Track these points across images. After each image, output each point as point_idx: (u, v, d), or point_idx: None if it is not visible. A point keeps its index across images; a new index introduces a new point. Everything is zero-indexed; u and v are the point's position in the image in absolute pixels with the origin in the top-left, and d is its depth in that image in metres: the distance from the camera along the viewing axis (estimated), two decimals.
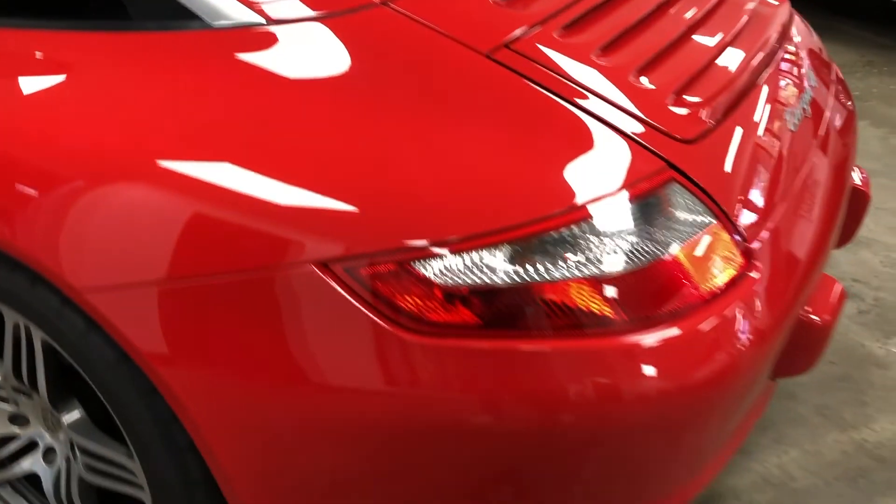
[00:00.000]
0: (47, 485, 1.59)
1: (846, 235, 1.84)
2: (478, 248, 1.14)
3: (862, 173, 1.86)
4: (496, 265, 1.14)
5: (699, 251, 1.22)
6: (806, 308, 1.43)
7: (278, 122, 1.22)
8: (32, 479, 1.63)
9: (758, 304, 1.26)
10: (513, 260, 1.15)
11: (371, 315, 1.15)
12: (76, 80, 1.29)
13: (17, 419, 1.60)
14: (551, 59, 1.28)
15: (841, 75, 1.92)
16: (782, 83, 1.54)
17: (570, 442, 1.20)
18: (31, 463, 1.61)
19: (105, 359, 1.28)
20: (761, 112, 1.44)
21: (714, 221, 1.24)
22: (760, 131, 1.41)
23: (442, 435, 1.21)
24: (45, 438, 1.59)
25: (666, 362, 1.18)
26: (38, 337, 1.38)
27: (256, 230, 1.15)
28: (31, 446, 1.61)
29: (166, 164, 1.19)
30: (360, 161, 1.17)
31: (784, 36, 1.66)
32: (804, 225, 1.42)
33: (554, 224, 1.16)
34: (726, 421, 1.32)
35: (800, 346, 1.44)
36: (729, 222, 1.26)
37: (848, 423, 2.05)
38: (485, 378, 1.16)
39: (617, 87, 1.29)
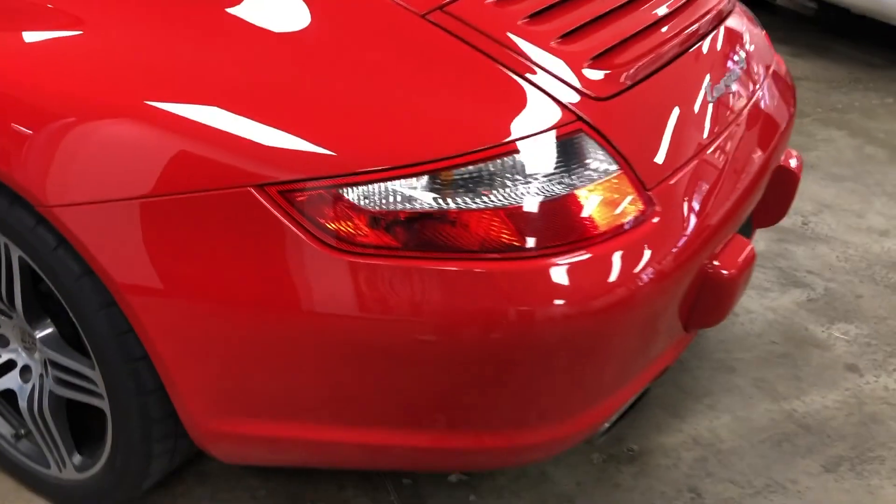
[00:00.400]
0: (23, 402, 1.74)
1: (776, 213, 1.96)
2: (401, 177, 1.29)
3: (798, 158, 1.98)
4: (418, 194, 1.29)
5: (601, 194, 1.36)
6: (714, 262, 1.56)
7: (235, 65, 1.37)
8: (7, 397, 1.79)
9: (657, 246, 1.39)
10: (434, 189, 1.29)
11: (301, 235, 1.29)
12: (72, 28, 1.45)
13: None
14: (481, 22, 1.43)
15: (785, 68, 2.05)
16: (707, 59, 1.67)
17: (481, 355, 1.34)
18: (9, 381, 1.76)
19: (71, 272, 1.44)
20: (679, 81, 1.58)
21: (618, 169, 1.38)
22: (675, 97, 1.55)
23: (371, 350, 1.35)
24: (22, 357, 1.75)
25: (568, 288, 1.32)
26: (15, 255, 1.54)
27: (202, 156, 1.30)
28: (9, 365, 1.76)
29: (136, 99, 1.35)
30: (299, 97, 1.33)
31: (719, 19, 1.79)
32: (713, 185, 1.55)
33: (471, 159, 1.31)
34: (627, 354, 1.45)
35: (707, 299, 1.57)
36: (631, 171, 1.40)
37: (781, 394, 2.16)
38: (407, 294, 1.30)
39: (539, 49, 1.43)
